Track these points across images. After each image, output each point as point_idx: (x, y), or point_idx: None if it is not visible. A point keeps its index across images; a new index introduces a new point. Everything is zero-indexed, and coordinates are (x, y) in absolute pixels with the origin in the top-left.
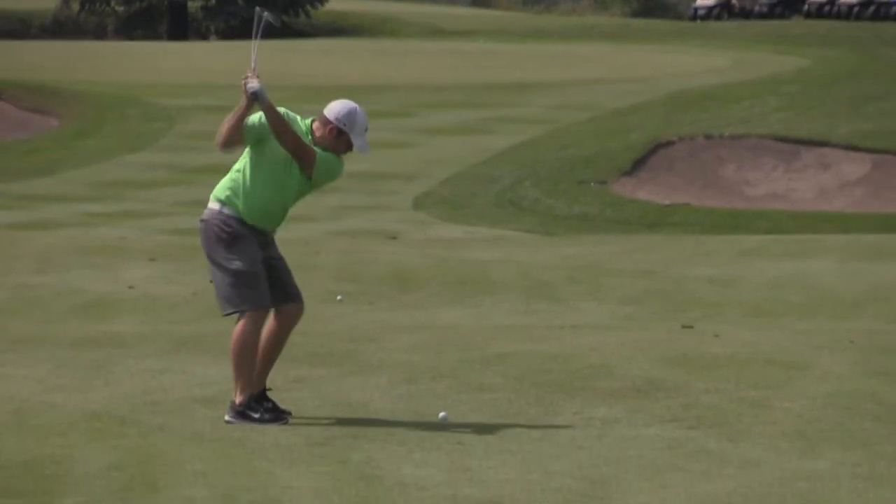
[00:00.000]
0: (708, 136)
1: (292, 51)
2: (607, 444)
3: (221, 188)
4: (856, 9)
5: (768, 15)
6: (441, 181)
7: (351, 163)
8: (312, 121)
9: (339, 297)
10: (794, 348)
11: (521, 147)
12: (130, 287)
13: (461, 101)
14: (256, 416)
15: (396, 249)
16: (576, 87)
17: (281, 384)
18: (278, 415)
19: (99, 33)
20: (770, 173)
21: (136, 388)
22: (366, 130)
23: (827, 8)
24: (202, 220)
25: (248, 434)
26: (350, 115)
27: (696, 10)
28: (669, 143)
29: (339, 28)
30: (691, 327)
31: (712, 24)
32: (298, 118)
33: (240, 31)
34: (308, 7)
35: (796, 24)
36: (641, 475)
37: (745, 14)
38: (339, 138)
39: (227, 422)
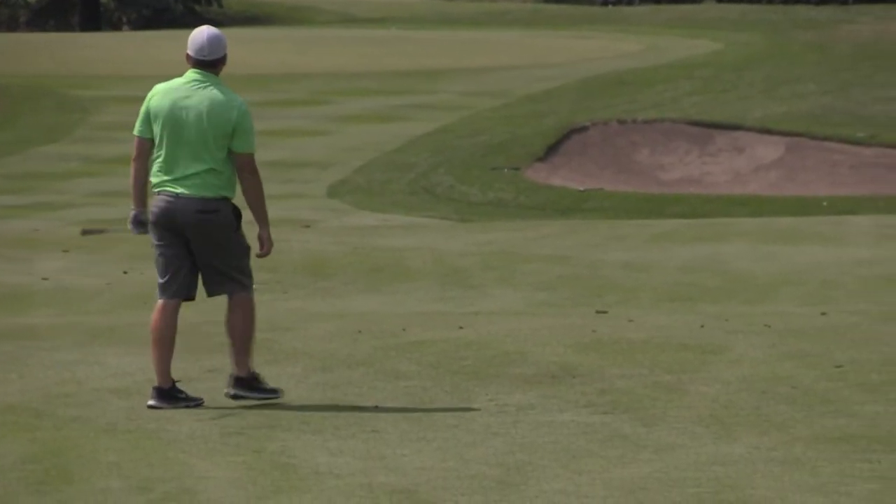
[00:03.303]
0: (621, 121)
1: None
2: (522, 430)
3: (212, 179)
4: None
5: None
6: (355, 169)
7: (265, 152)
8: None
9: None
10: (708, 332)
11: (434, 134)
12: (44, 279)
13: (375, 89)
14: (265, 385)
15: (311, 238)
16: (489, 74)
17: (196, 374)
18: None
19: (11, 25)
20: (684, 157)
21: (50, 380)
22: (199, 49)
23: None
24: (210, 212)
25: (162, 425)
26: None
27: None
28: (583, 129)
29: (252, 17)
30: (606, 312)
31: (624, 9)
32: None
33: (152, 20)
34: None
35: (708, 8)
36: (557, 461)
37: None
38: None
39: (233, 396)
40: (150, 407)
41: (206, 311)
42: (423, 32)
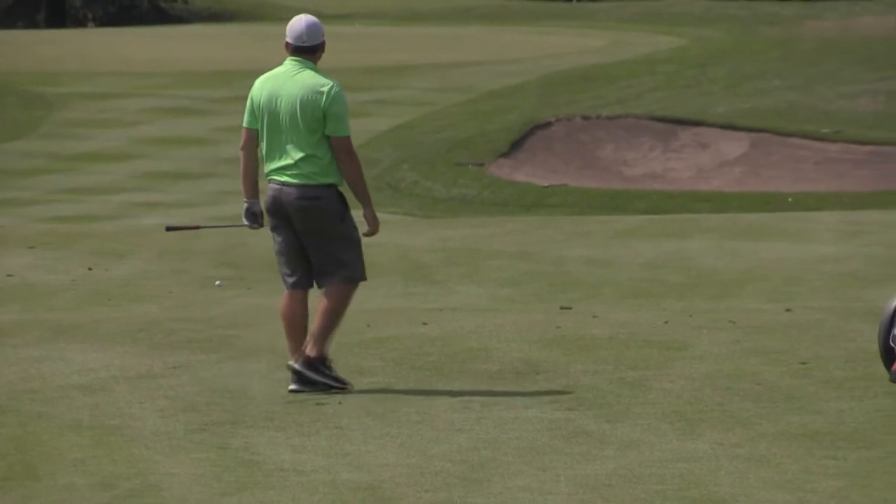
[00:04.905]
0: (585, 117)
1: (169, 37)
2: (486, 426)
3: (310, 167)
4: None
5: None
6: None
7: (230, 147)
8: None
9: (217, 283)
10: (672, 329)
11: (398, 130)
12: (9, 275)
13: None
14: (329, 372)
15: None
16: (453, 69)
17: (159, 370)
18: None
19: None
20: (648, 153)
21: (14, 376)
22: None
23: None
24: (311, 199)
25: (126, 422)
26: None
27: None
28: (547, 124)
29: (216, 13)
30: (570, 308)
31: (588, 5)
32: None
33: (118, 17)
34: None
35: (672, 4)
36: (521, 457)
37: None
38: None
39: (296, 371)
40: (292, 391)
41: (169, 308)
42: (388, 28)
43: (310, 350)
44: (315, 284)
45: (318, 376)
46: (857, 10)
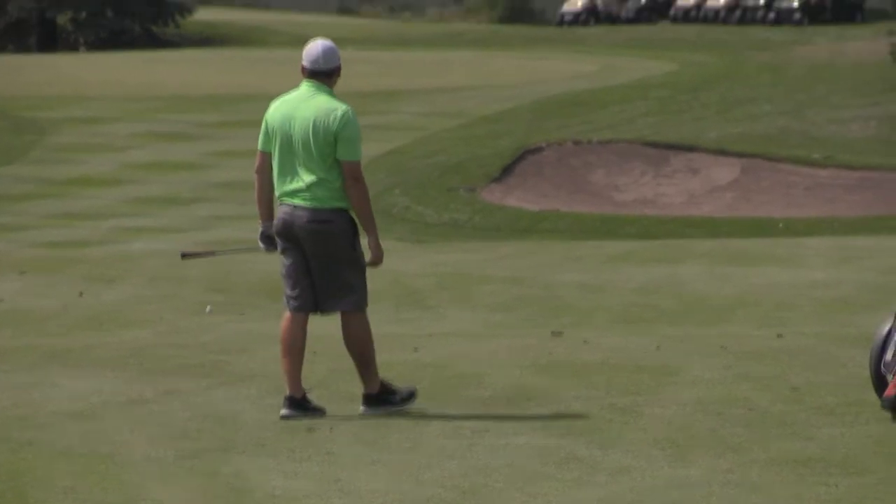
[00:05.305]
0: (577, 142)
1: (160, 61)
2: (478, 452)
3: (321, 190)
4: (722, 13)
5: (635, 20)
6: None
7: (221, 172)
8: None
9: (208, 308)
10: (664, 354)
11: (390, 155)
12: (0, 300)
13: None
14: (397, 398)
15: (266, 259)
16: (444, 94)
17: (150, 396)
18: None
19: None
20: (639, 178)
21: (5, 402)
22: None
23: (694, 13)
24: (323, 222)
25: (117, 448)
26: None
27: (562, 15)
28: (538, 149)
29: (208, 38)
30: (561, 334)
31: (579, 30)
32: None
33: (109, 42)
34: (177, 17)
35: (664, 29)
36: (512, 484)
37: (612, 19)
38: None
39: (364, 414)
40: (283, 417)
41: (160, 334)
42: (379, 53)
43: (368, 390)
44: (318, 309)
45: (388, 408)
46: (847, 36)
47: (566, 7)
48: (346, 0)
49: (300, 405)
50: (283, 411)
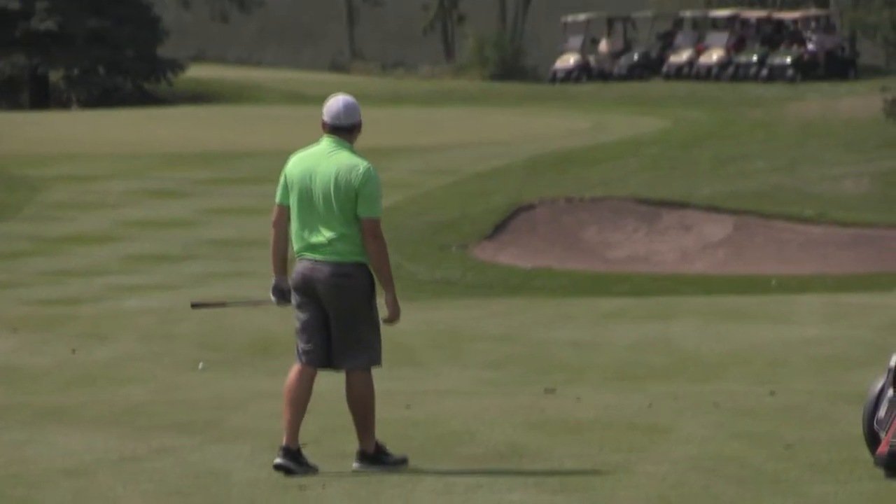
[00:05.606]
0: (569, 199)
1: (153, 118)
2: None
3: (342, 245)
4: (715, 70)
5: (628, 77)
6: None
7: (213, 229)
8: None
9: (200, 365)
10: (656, 411)
11: (383, 212)
12: None
13: None
14: (390, 459)
15: (259, 316)
16: (437, 152)
17: (143, 454)
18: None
19: None
20: (631, 235)
21: None
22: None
23: (686, 69)
24: (344, 276)
25: None
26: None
27: (555, 72)
28: (530, 207)
29: (200, 95)
30: (554, 391)
31: (572, 87)
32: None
33: (102, 99)
34: (169, 74)
35: (656, 86)
36: None
37: (605, 76)
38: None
39: (357, 470)
40: (277, 466)
41: (153, 391)
42: (371, 110)
43: (365, 447)
44: (332, 365)
45: (382, 467)
46: (840, 92)
47: (558, 64)
48: (338, 57)
49: (295, 458)
50: (278, 460)
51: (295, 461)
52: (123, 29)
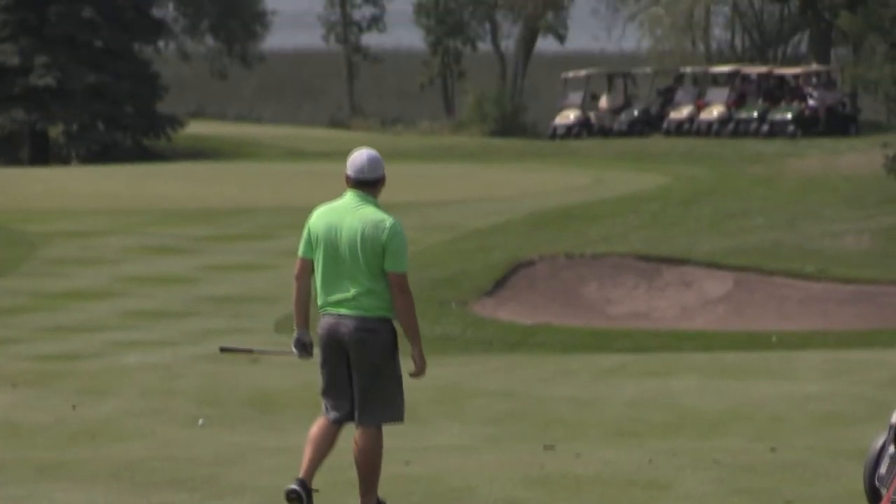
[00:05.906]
0: (569, 256)
1: (152, 175)
2: None
3: (368, 300)
4: (715, 126)
5: (628, 133)
6: None
7: (213, 286)
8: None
9: (200, 421)
10: (656, 468)
11: None
12: None
13: None
14: None
15: (258, 372)
16: (436, 208)
17: None
18: None
19: None
20: (632, 292)
21: None
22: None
23: (686, 125)
24: (369, 331)
25: None
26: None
27: (554, 128)
28: (530, 263)
29: (199, 151)
30: (553, 447)
31: (571, 143)
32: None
33: (101, 155)
34: (168, 130)
35: (656, 142)
36: None
37: (605, 132)
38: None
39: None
40: (291, 491)
41: (152, 447)
42: None
43: (368, 501)
44: (357, 420)
45: None
46: (841, 148)
47: (558, 120)
48: (337, 113)
49: (307, 490)
50: (292, 486)
51: (307, 495)
52: (122, 84)
